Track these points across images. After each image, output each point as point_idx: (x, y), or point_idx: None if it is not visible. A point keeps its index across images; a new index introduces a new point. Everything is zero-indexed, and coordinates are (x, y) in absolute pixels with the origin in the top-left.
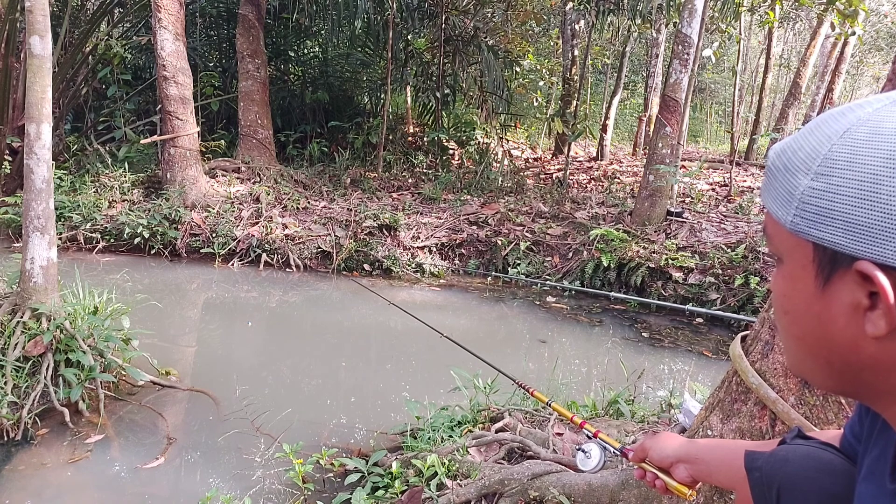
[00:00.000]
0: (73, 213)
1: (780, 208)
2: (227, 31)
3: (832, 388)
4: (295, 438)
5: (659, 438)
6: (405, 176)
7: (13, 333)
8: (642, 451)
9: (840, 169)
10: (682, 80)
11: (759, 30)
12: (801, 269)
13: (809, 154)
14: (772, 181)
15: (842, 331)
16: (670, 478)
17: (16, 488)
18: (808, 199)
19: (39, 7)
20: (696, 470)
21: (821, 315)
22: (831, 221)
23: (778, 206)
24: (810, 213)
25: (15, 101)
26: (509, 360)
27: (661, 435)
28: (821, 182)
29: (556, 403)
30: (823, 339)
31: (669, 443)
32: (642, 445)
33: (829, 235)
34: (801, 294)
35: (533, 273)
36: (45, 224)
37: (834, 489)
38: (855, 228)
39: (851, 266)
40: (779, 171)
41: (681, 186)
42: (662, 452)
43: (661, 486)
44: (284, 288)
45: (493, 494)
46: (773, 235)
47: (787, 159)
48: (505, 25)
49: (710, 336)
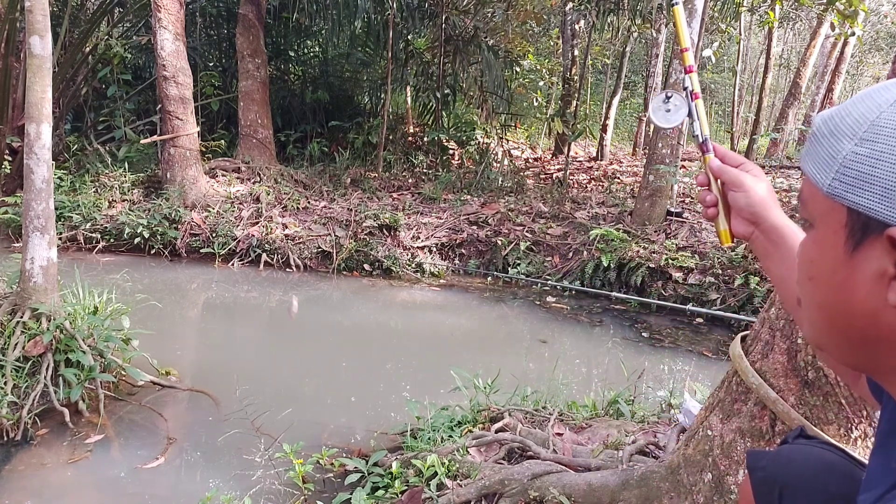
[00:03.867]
0: (73, 213)
1: (820, 172)
2: (227, 31)
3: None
4: (295, 438)
5: (756, 172)
6: (405, 176)
7: (13, 333)
8: (726, 157)
9: (886, 136)
10: (682, 80)
11: (759, 30)
12: (832, 235)
13: (857, 120)
14: (815, 146)
15: (863, 301)
16: (727, 216)
17: (16, 488)
18: (849, 163)
19: (39, 7)
20: (757, 236)
21: (845, 282)
22: (870, 187)
23: (818, 170)
24: (850, 177)
25: (15, 101)
26: (510, 360)
27: (758, 172)
28: (865, 147)
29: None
30: (844, 308)
31: (761, 187)
32: (734, 156)
33: (865, 201)
34: (828, 260)
35: (533, 273)
36: (45, 224)
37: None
38: (893, 195)
39: (882, 233)
40: (823, 137)
41: (681, 186)
42: (750, 186)
43: (711, 213)
44: (284, 288)
45: (493, 494)
46: (808, 200)
47: (833, 125)
48: (505, 25)
49: (710, 336)
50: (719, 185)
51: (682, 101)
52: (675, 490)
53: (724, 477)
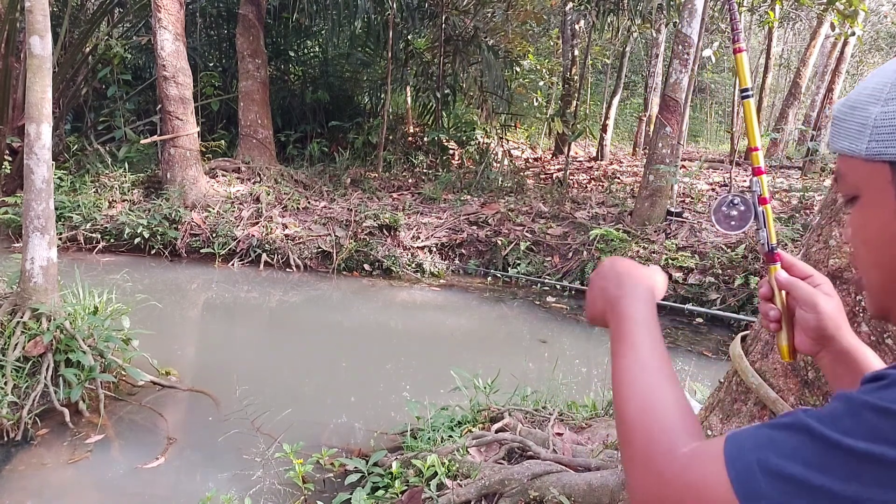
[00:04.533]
0: (73, 213)
1: (854, 142)
2: (227, 31)
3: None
4: (295, 438)
5: (827, 288)
6: (405, 176)
7: (13, 333)
8: (794, 268)
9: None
10: (682, 80)
11: (759, 30)
12: (879, 193)
13: (876, 87)
14: (841, 125)
15: None
16: (789, 330)
17: (16, 488)
18: (881, 124)
19: (39, 7)
20: (824, 356)
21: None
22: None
23: (851, 142)
24: (885, 134)
25: (15, 101)
26: (509, 360)
27: (829, 289)
28: (891, 106)
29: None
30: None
31: (832, 306)
32: (802, 266)
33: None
34: (878, 219)
35: (533, 273)
36: (45, 224)
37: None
38: None
39: None
40: (846, 115)
41: (681, 186)
42: (823, 308)
43: (774, 328)
44: (284, 288)
45: (493, 494)
46: (847, 173)
47: (853, 102)
48: (505, 25)
49: (710, 336)
50: (783, 297)
51: (749, 207)
52: None
53: None
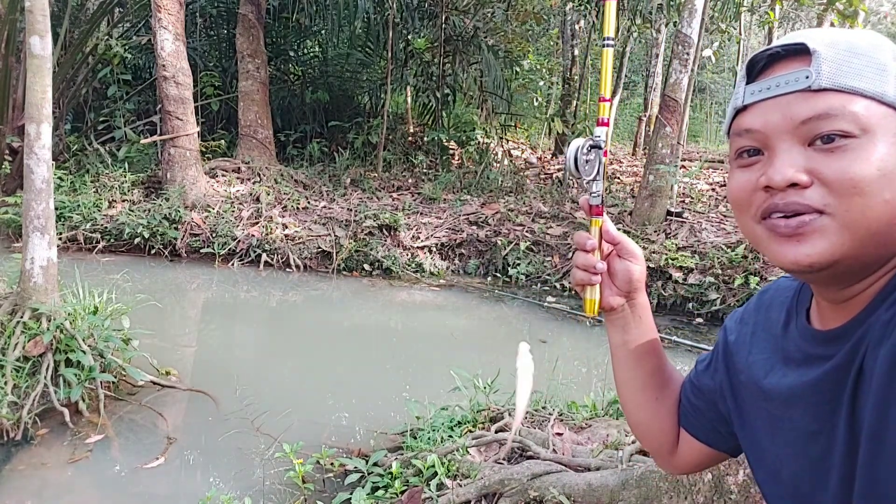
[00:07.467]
0: (73, 213)
1: (877, 84)
2: (227, 31)
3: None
4: (295, 438)
5: (636, 248)
6: (405, 176)
7: (13, 333)
8: (606, 224)
9: None
10: (682, 80)
11: (759, 30)
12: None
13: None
14: (846, 66)
15: None
16: (598, 286)
17: (16, 488)
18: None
19: (39, 7)
20: (625, 309)
21: None
22: None
23: (872, 83)
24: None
25: (15, 101)
26: (510, 360)
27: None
28: None
29: None
30: None
31: (642, 265)
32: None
33: None
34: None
35: (533, 273)
36: (45, 224)
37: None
38: None
39: None
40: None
41: (681, 186)
42: (641, 258)
43: (596, 281)
44: (284, 288)
45: (493, 494)
46: (861, 114)
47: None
48: (505, 25)
49: (709, 336)
50: (604, 250)
51: (597, 157)
52: (674, 490)
53: (723, 477)
